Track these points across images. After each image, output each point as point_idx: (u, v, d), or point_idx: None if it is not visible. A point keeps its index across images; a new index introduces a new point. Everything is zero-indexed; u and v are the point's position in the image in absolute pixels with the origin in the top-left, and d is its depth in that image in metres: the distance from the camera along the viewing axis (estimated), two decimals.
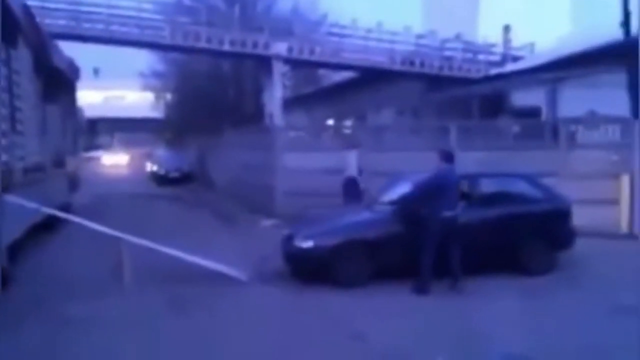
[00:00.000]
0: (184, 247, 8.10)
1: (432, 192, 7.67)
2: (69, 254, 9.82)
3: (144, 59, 34.99)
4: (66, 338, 5.72)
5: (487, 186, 8.85)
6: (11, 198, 7.89)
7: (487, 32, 29.08)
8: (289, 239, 8.32)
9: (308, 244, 7.96)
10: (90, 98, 42.08)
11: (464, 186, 8.22)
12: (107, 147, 46.89)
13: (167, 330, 6.02)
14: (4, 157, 7.98)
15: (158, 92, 39.75)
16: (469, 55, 27.43)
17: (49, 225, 10.81)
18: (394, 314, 6.60)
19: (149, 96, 41.54)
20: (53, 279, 8.16)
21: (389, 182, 9.23)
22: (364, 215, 8.64)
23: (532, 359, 5.22)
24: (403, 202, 8.07)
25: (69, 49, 17.07)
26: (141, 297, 7.14)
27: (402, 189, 8.41)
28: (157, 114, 42.58)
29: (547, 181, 9.35)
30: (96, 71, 45.26)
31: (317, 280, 7.94)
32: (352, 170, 12.33)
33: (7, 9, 8.40)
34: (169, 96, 39.71)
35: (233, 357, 5.38)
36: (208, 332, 5.94)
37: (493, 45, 28.24)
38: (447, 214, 7.50)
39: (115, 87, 54.00)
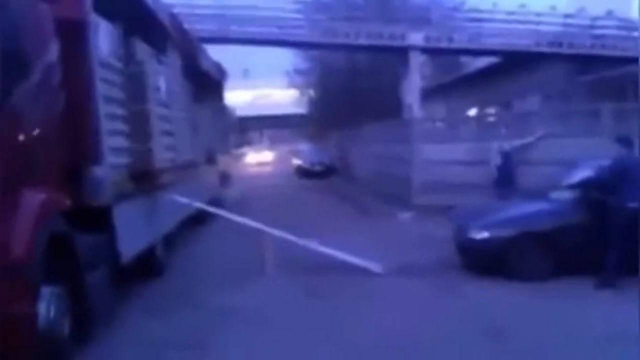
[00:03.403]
0: (323, 240, 8.36)
1: (614, 180, 7.17)
2: (216, 245, 10.47)
3: (289, 57, 36.21)
4: (212, 325, 6.07)
5: None
6: (165, 194, 8.54)
7: None
8: (462, 229, 8.20)
9: (483, 235, 7.80)
10: (241, 97, 44.44)
11: None
12: (257, 144, 49.17)
13: (306, 319, 6.20)
14: (158, 156, 8.59)
15: (301, 89, 40.97)
16: (624, 32, 25.23)
17: (200, 218, 11.56)
18: (533, 309, 6.28)
19: (294, 93, 42.91)
20: (201, 269, 8.73)
21: (566, 171, 8.65)
22: (541, 205, 8.18)
23: None
24: (586, 190, 7.57)
25: (222, 52, 18.11)
26: (281, 288, 7.41)
27: (583, 176, 7.89)
28: (301, 110, 43.92)
29: None
30: (246, 72, 47.21)
31: (464, 274, 7.79)
32: (497, 160, 12.00)
33: (155, 19, 9.09)
34: (312, 92, 40.78)
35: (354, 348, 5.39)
36: (340, 320, 6.08)
37: None
38: (632, 204, 6.94)
39: (263, 86, 56.16)
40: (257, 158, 42.66)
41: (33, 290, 4.31)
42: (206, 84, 14.58)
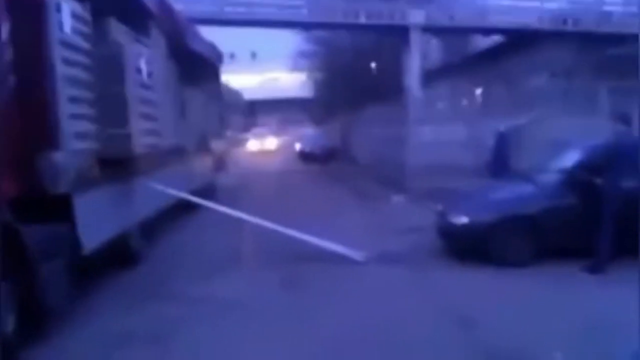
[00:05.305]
0: (310, 227, 8.10)
1: (606, 161, 6.76)
2: (200, 234, 10.12)
3: (294, 40, 35.67)
4: (182, 317, 5.81)
5: None
6: (143, 181, 8.22)
7: None
8: (443, 214, 7.88)
9: (462, 220, 7.47)
10: (249, 81, 43.78)
11: None
12: (264, 127, 47.83)
13: (278, 309, 5.96)
14: (136, 141, 8.22)
15: (306, 72, 40.51)
16: (633, 8, 24.62)
17: (189, 206, 11.14)
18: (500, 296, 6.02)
19: (301, 77, 42.43)
20: (181, 259, 8.40)
21: (558, 151, 8.27)
22: (525, 188, 7.80)
23: None
24: (574, 172, 7.17)
25: (228, 35, 17.73)
26: (260, 278, 7.17)
27: (572, 157, 7.53)
28: (307, 93, 43.51)
29: None
30: (254, 55, 46.59)
31: (446, 260, 7.52)
32: (492, 141, 11.66)
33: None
34: (317, 75, 40.36)
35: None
36: (313, 311, 5.87)
37: None
38: (627, 183, 6.59)
39: (271, 69, 55.58)
40: (260, 145, 38.27)
41: None
42: (198, 66, 14.13)
